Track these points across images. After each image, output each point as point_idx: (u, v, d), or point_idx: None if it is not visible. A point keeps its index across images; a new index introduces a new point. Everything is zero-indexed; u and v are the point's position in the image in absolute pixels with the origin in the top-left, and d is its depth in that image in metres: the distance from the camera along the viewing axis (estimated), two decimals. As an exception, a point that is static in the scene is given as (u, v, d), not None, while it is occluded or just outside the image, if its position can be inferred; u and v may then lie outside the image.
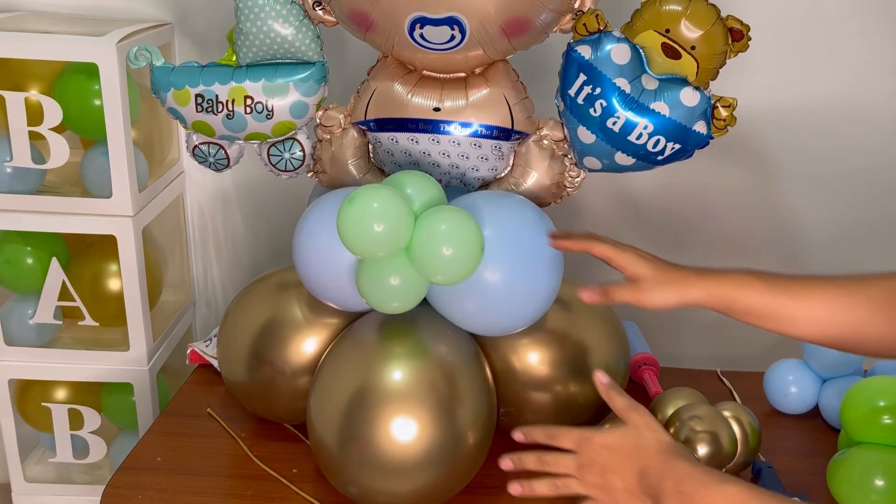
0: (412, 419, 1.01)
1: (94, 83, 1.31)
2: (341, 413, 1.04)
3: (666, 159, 1.12)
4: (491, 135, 1.15)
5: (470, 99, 1.14)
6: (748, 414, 1.13)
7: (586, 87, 1.09)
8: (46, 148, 1.35)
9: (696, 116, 1.08)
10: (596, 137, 1.11)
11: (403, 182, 1.04)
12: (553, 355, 1.14)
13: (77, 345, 1.49)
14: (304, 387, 1.13)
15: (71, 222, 1.38)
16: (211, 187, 1.61)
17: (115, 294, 1.44)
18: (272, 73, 1.14)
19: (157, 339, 1.50)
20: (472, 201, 1.08)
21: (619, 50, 1.08)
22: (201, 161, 1.24)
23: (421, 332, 1.10)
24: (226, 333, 1.21)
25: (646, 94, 1.08)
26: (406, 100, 1.14)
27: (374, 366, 1.05)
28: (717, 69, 1.07)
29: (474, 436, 1.06)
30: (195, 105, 1.15)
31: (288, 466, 1.16)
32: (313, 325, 1.16)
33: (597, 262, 1.58)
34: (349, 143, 1.19)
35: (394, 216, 0.98)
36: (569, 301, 1.17)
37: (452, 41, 1.06)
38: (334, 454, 1.05)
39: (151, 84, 1.18)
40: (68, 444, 1.51)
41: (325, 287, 1.11)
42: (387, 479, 1.03)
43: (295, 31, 1.13)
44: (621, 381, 1.20)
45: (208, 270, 1.68)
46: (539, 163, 1.18)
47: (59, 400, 1.51)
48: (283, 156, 1.22)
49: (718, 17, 1.04)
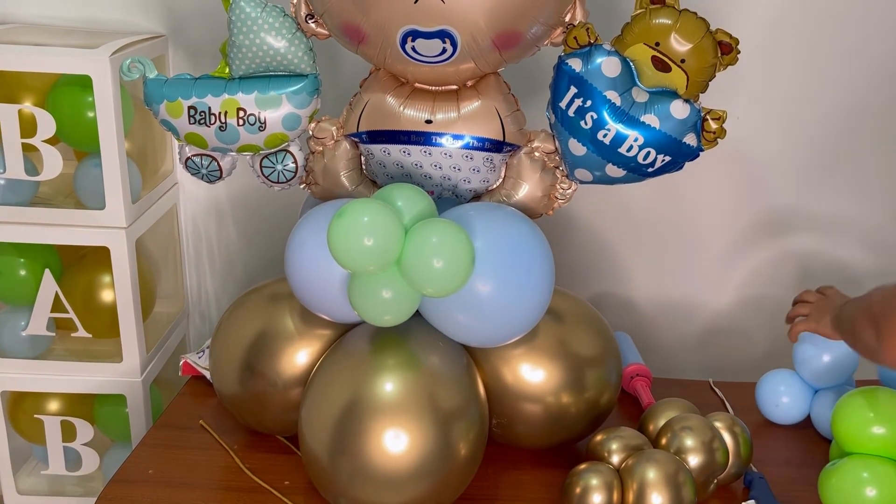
0: (403, 431, 1.01)
1: (87, 95, 1.31)
2: (333, 425, 1.04)
3: (656, 171, 1.13)
4: (482, 147, 1.15)
5: (462, 111, 1.14)
6: (740, 425, 1.14)
7: (577, 100, 1.10)
8: (40, 160, 1.35)
9: (686, 129, 1.09)
10: (587, 150, 1.12)
11: (394, 195, 1.04)
12: (545, 367, 1.14)
13: (70, 356, 1.48)
14: (296, 399, 1.13)
15: (64, 234, 1.38)
16: (204, 199, 1.62)
17: (108, 305, 1.44)
18: (265, 86, 1.15)
19: (151, 351, 1.50)
20: (464, 213, 1.09)
21: (609, 63, 1.08)
22: (194, 173, 1.24)
23: (413, 343, 1.10)
24: (218, 345, 1.21)
25: (636, 107, 1.09)
26: (398, 112, 1.15)
27: (366, 377, 1.05)
28: (706, 82, 1.08)
29: (466, 447, 1.06)
30: (188, 117, 1.16)
31: (280, 478, 1.15)
32: (305, 337, 1.16)
33: (586, 274, 1.60)
34: (341, 154, 1.20)
35: (383, 230, 0.98)
36: (560, 312, 1.17)
37: (444, 54, 1.06)
38: (325, 466, 1.05)
39: (144, 96, 1.18)
40: (61, 456, 1.51)
41: (317, 299, 1.11)
42: (378, 491, 1.03)
43: (287, 43, 1.13)
44: (613, 392, 1.20)
45: (202, 282, 1.68)
46: (530, 175, 1.18)
47: (52, 412, 1.50)
48: (275, 167, 1.22)
49: (708, 30, 1.05)
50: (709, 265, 1.58)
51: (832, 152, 1.49)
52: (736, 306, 1.60)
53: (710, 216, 1.55)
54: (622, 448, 1.09)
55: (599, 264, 1.59)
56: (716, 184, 1.50)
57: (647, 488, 1.02)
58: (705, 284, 1.59)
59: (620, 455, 1.08)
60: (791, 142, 1.49)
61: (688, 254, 1.58)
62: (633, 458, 1.06)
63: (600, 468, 1.06)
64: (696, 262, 1.58)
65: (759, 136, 1.46)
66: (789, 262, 1.57)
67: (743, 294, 1.59)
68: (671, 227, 1.57)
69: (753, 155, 1.49)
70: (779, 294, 1.41)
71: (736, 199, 1.53)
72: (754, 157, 1.50)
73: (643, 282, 1.60)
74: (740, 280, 1.59)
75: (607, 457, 1.09)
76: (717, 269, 1.59)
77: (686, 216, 1.56)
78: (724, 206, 1.54)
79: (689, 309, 1.61)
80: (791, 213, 1.54)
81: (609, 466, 1.07)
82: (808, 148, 1.50)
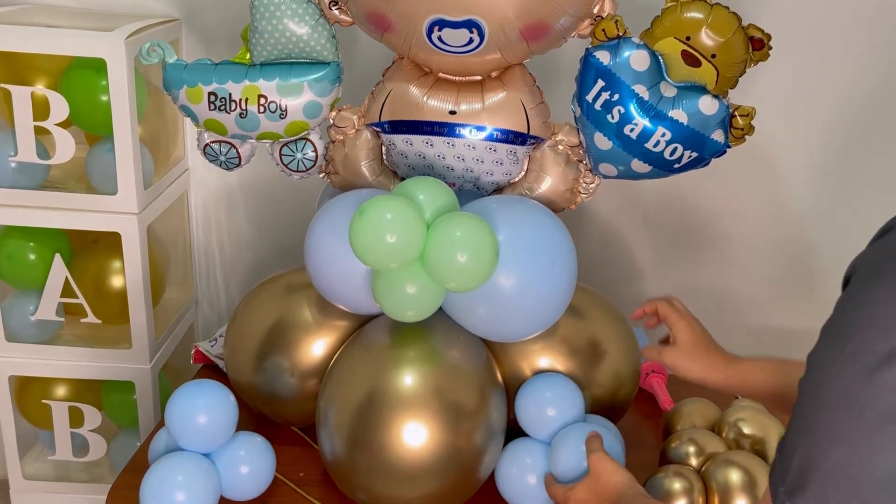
0: (423, 424, 1.01)
1: (101, 79, 1.29)
2: (351, 417, 1.03)
3: (682, 167, 1.12)
4: (506, 139, 1.14)
5: (486, 102, 1.13)
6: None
7: (604, 94, 1.09)
8: (52, 143, 1.33)
9: (714, 125, 1.08)
10: (612, 144, 1.11)
11: (415, 189, 1.03)
12: (563, 362, 1.14)
13: (78, 342, 1.47)
14: (313, 389, 1.12)
15: (75, 219, 1.37)
16: (215, 186, 1.60)
17: (118, 291, 1.43)
18: (286, 73, 1.13)
19: (160, 338, 1.49)
20: (486, 206, 1.08)
21: (638, 56, 1.07)
22: (212, 160, 1.22)
23: (433, 336, 1.09)
24: (233, 334, 1.20)
25: (664, 102, 1.07)
26: (422, 102, 1.13)
27: (386, 370, 1.04)
28: (736, 78, 1.07)
29: (485, 442, 1.05)
30: (208, 103, 1.14)
31: (294, 469, 1.15)
32: (323, 328, 1.15)
33: (610, 271, 1.58)
34: (362, 144, 1.18)
35: (406, 227, 0.96)
36: (581, 308, 1.16)
37: (471, 44, 1.05)
38: (343, 459, 1.04)
39: (164, 81, 1.16)
40: (68, 441, 1.50)
41: (337, 291, 1.10)
42: (396, 485, 1.02)
43: (310, 30, 1.12)
44: (632, 387, 1.20)
45: (211, 269, 1.66)
46: (554, 168, 1.17)
47: (60, 397, 1.49)
48: (295, 156, 1.20)
49: (740, 25, 1.03)
50: (723, 262, 1.57)
51: (850, 152, 1.48)
52: (746, 302, 1.60)
53: (727, 213, 1.54)
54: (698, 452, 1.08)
55: (614, 260, 1.59)
56: (734, 178, 1.49)
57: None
58: (719, 281, 1.58)
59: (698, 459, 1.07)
60: (808, 140, 1.48)
61: (702, 250, 1.57)
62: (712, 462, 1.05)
63: (683, 471, 1.04)
64: (709, 259, 1.57)
65: (777, 134, 1.45)
66: (804, 259, 1.56)
67: (755, 291, 1.59)
68: (685, 223, 1.56)
69: (771, 152, 1.48)
70: (795, 291, 1.41)
71: (753, 196, 1.52)
72: (772, 154, 1.49)
73: (657, 278, 1.59)
74: (753, 277, 1.58)
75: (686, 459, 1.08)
76: (732, 266, 1.58)
77: (698, 212, 1.55)
78: (741, 202, 1.53)
79: (703, 305, 1.60)
80: (807, 210, 1.53)
81: (691, 469, 1.06)
82: (824, 146, 1.49)
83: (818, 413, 0.56)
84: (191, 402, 1.05)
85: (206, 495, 1.03)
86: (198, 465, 1.04)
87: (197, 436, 1.05)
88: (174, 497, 1.01)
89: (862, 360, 0.53)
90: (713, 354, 1.04)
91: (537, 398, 1.08)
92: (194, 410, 1.04)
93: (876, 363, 0.52)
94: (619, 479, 0.94)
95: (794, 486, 0.56)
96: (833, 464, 0.54)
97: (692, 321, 1.07)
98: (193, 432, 1.04)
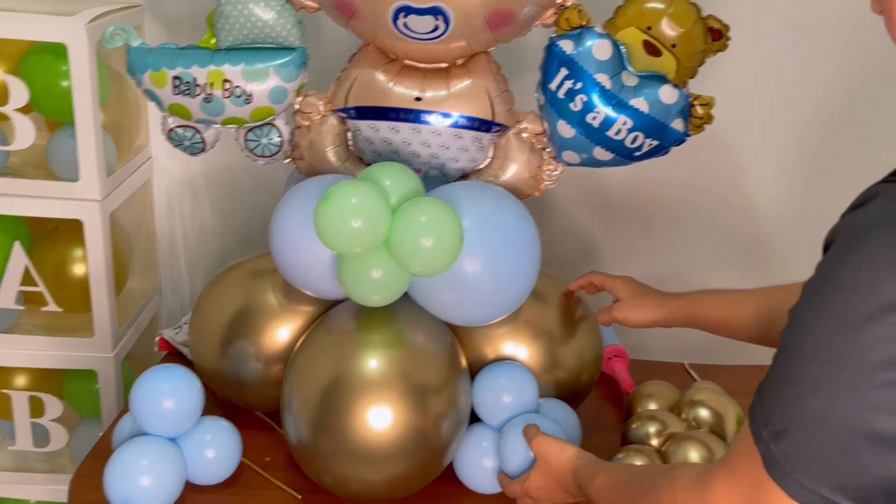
0: (387, 407, 1.01)
1: (61, 64, 1.28)
2: (316, 401, 1.03)
3: (643, 155, 1.14)
4: (472, 126, 1.15)
5: (451, 90, 1.14)
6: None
7: (567, 82, 1.10)
8: (11, 129, 1.31)
9: (674, 114, 1.10)
10: (575, 132, 1.13)
11: (381, 174, 1.03)
12: (527, 345, 1.15)
13: (39, 331, 1.45)
14: (278, 375, 1.13)
15: (36, 206, 1.35)
16: (179, 174, 1.59)
17: (79, 279, 1.41)
18: (252, 58, 1.13)
19: (123, 326, 1.48)
20: (452, 192, 1.09)
21: (600, 46, 1.09)
22: (177, 144, 1.22)
23: (398, 320, 1.10)
24: (198, 320, 1.20)
25: (626, 91, 1.09)
26: (388, 89, 1.14)
27: (350, 354, 1.05)
28: (696, 68, 1.09)
29: (449, 425, 1.06)
30: (172, 87, 1.14)
31: (261, 454, 1.15)
32: (288, 313, 1.15)
33: (572, 257, 1.60)
34: (328, 130, 1.19)
35: (371, 212, 0.97)
36: (544, 293, 1.18)
37: (436, 31, 1.06)
38: (308, 442, 1.04)
39: (128, 65, 1.15)
40: (28, 431, 1.47)
41: (302, 276, 1.10)
42: (361, 468, 1.03)
43: (276, 15, 1.12)
44: (594, 371, 1.22)
45: (175, 258, 1.65)
46: (518, 155, 1.18)
47: (20, 387, 1.47)
48: (260, 141, 1.20)
49: (699, 16, 1.06)
50: (681, 249, 1.60)
51: (814, 146, 1.52)
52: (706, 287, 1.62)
53: (685, 201, 1.57)
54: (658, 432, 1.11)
55: (575, 246, 1.61)
56: (693, 165, 1.52)
57: None
58: (678, 268, 1.61)
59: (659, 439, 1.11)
60: (772, 132, 1.51)
61: (662, 237, 1.60)
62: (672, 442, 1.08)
63: (644, 450, 1.07)
64: (669, 246, 1.60)
65: (740, 125, 1.48)
66: (761, 249, 1.60)
67: (715, 276, 1.62)
68: (645, 210, 1.59)
69: (733, 142, 1.51)
70: (754, 276, 1.44)
71: (713, 183, 1.56)
72: (733, 144, 1.52)
73: (617, 264, 1.62)
74: (712, 263, 1.61)
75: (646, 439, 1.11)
76: (690, 253, 1.61)
77: (660, 200, 1.58)
78: (699, 190, 1.56)
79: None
80: (766, 201, 1.57)
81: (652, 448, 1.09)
82: (788, 139, 1.52)
83: (803, 365, 0.61)
84: (156, 385, 1.04)
85: (171, 480, 1.03)
86: (163, 450, 1.04)
87: (162, 420, 1.05)
88: (139, 482, 1.01)
89: (844, 318, 0.58)
90: (654, 297, 1.15)
91: (492, 385, 1.10)
92: (160, 394, 1.04)
93: (858, 322, 0.57)
94: (568, 454, 0.97)
95: (778, 430, 0.62)
96: (817, 412, 0.60)
97: (626, 278, 1.18)
98: (159, 416, 1.04)
